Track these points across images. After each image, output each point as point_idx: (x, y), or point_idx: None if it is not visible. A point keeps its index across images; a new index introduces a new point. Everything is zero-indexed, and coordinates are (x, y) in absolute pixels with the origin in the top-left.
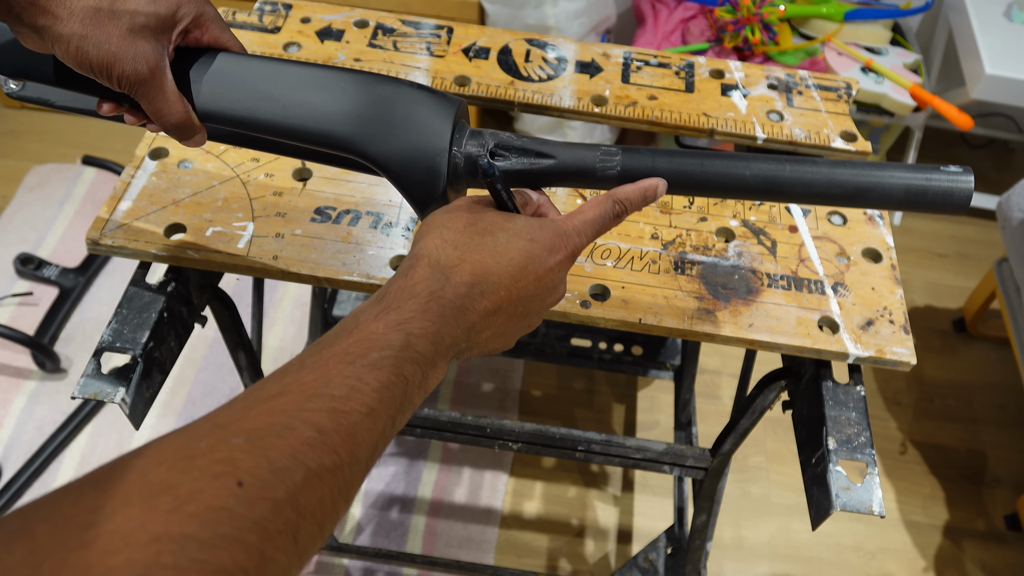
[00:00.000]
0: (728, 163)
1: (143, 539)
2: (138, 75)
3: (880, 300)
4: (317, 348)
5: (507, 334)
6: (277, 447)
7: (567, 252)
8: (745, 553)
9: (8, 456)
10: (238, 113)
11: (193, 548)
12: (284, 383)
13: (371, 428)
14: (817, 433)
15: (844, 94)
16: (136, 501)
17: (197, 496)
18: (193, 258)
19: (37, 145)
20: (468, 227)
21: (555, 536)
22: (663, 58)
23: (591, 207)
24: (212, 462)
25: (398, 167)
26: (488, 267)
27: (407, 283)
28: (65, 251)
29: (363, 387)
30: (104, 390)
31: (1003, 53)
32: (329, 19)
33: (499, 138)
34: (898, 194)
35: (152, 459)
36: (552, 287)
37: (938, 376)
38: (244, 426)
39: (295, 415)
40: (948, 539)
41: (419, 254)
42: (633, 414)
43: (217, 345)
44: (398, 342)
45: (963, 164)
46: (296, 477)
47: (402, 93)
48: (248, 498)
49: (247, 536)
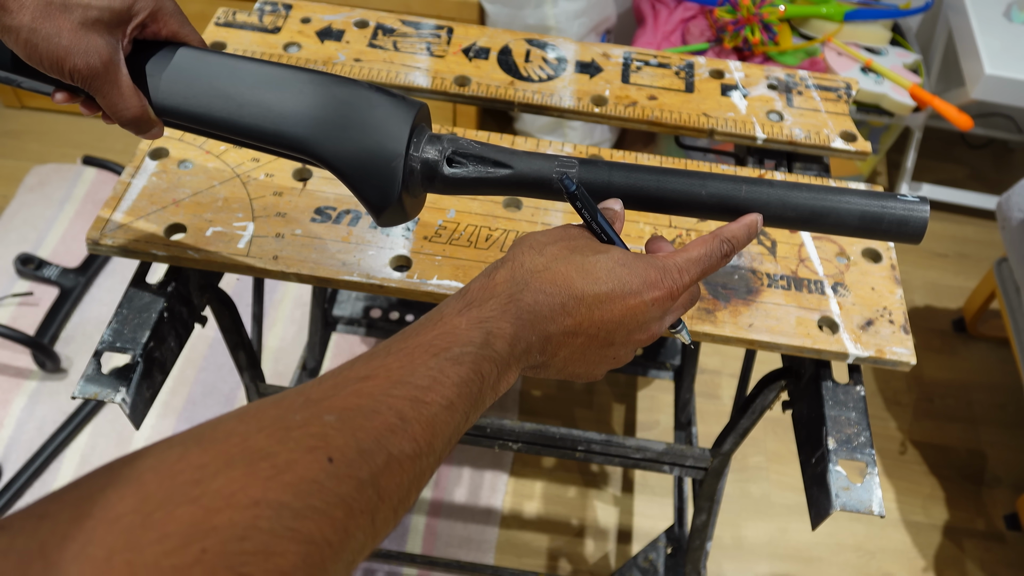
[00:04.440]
0: (685, 181)
1: (244, 502)
2: (90, 69)
3: (880, 300)
4: (403, 336)
5: (589, 360)
6: (364, 429)
7: (666, 290)
8: (745, 553)
9: (8, 456)
10: (193, 109)
11: (287, 516)
12: (372, 367)
13: (448, 421)
14: (817, 433)
15: (844, 94)
16: (239, 464)
17: (292, 467)
18: (193, 258)
19: (37, 145)
20: (560, 241)
21: (555, 536)
22: (663, 58)
23: (696, 245)
24: (306, 435)
25: (353, 170)
26: (572, 282)
27: (489, 282)
28: (65, 251)
29: (444, 380)
30: (104, 390)
31: (1003, 53)
32: (329, 19)
33: (457, 144)
34: (853, 220)
35: (251, 425)
36: (644, 322)
37: (938, 376)
38: (335, 404)
39: (381, 400)
40: (948, 539)
41: (507, 257)
42: (633, 414)
43: (217, 345)
44: (478, 339)
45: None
46: (379, 460)
47: (359, 95)
48: (337, 474)
49: (334, 511)
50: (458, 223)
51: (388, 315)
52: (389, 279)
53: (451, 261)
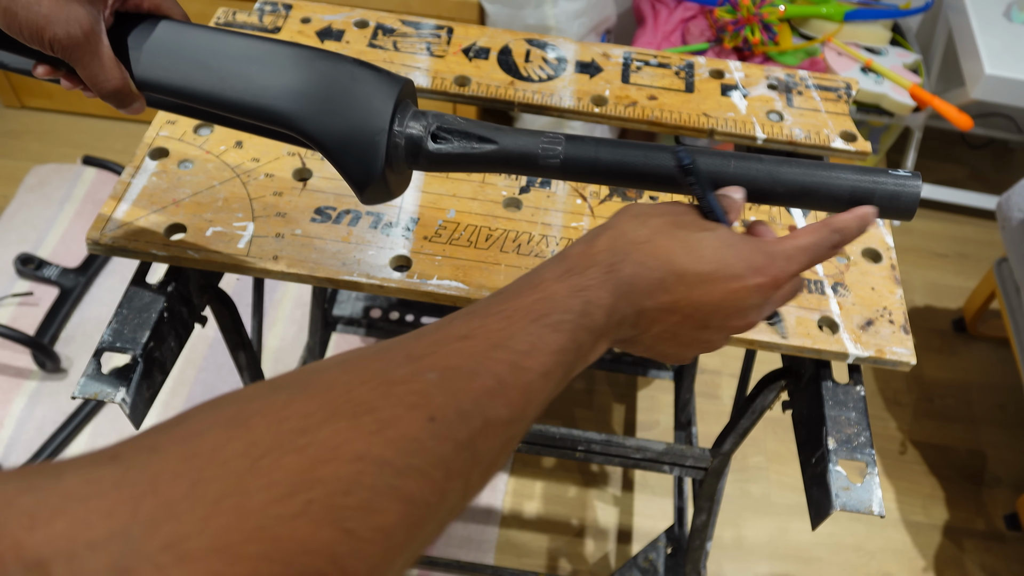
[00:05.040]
0: (673, 157)
1: (348, 455)
2: (71, 39)
3: (880, 300)
4: (502, 298)
5: (680, 340)
6: (464, 390)
7: (771, 277)
8: (745, 553)
9: (8, 456)
10: (175, 82)
11: (389, 473)
12: (472, 326)
13: (543, 388)
14: (817, 433)
15: (844, 94)
16: (343, 416)
17: (395, 423)
18: (193, 258)
19: (37, 145)
20: (666, 215)
21: (555, 536)
22: (663, 58)
23: (805, 233)
24: (409, 392)
25: (335, 145)
26: (674, 256)
27: (590, 249)
28: (65, 251)
29: (543, 347)
30: (104, 390)
31: (1003, 53)
32: (329, 19)
33: (443, 120)
34: (844, 195)
35: (354, 375)
36: (743, 309)
37: (938, 376)
38: (437, 362)
39: (481, 362)
40: (948, 539)
41: (608, 225)
42: (633, 414)
43: (217, 345)
44: (577, 307)
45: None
46: (476, 423)
47: (343, 69)
48: (437, 434)
49: (433, 471)
50: (458, 223)
51: (388, 315)
52: (389, 279)
53: (451, 261)
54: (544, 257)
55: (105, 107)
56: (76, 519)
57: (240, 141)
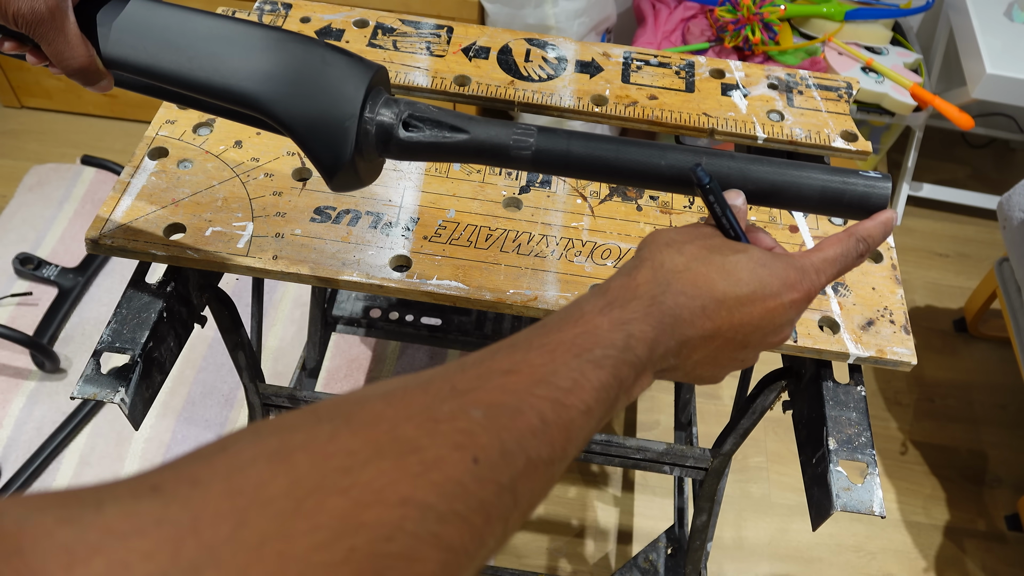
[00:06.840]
0: (644, 151)
1: (393, 499)
2: (35, 14)
3: (881, 300)
4: (544, 330)
5: (719, 364)
6: (508, 429)
7: (804, 291)
8: (745, 553)
9: (7, 456)
10: (143, 61)
11: (432, 519)
12: (514, 360)
13: (584, 426)
14: (817, 433)
15: (844, 94)
16: (388, 455)
17: (440, 465)
18: (193, 258)
19: (36, 145)
20: (697, 239)
21: (555, 536)
22: (663, 58)
23: (831, 244)
24: (454, 430)
25: (304, 129)
26: (713, 283)
27: (631, 282)
28: (64, 251)
29: (585, 383)
30: (103, 390)
31: (1004, 53)
32: (329, 19)
33: (415, 108)
34: (814, 195)
35: (400, 411)
36: (779, 325)
37: (939, 376)
38: (482, 398)
39: (524, 399)
40: (949, 539)
41: (644, 256)
42: (633, 414)
43: (217, 345)
44: (620, 342)
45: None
46: (519, 464)
47: (314, 53)
48: (480, 477)
49: (474, 517)
50: (458, 223)
51: (388, 315)
52: (389, 279)
53: (451, 261)
54: (544, 257)
55: (105, 107)
56: (115, 560)
57: (240, 141)
